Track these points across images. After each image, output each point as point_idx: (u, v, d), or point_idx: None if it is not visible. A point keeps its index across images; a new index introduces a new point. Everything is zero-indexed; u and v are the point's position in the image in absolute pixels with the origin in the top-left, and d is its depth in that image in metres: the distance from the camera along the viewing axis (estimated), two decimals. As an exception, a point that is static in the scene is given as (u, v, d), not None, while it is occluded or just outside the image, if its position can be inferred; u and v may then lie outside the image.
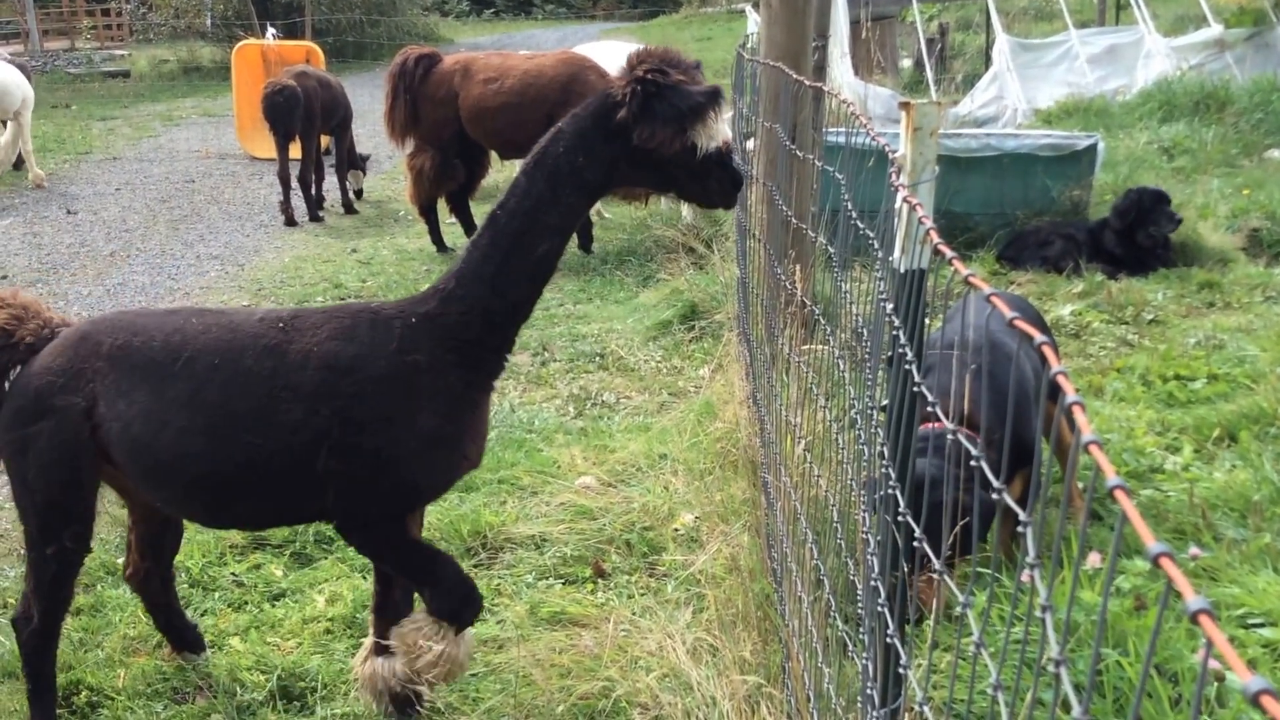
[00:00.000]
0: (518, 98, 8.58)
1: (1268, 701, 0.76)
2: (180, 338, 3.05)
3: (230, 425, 2.97)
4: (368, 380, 2.95)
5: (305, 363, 2.96)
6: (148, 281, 8.92)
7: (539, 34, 35.25)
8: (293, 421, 2.94)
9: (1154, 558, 0.88)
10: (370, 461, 2.97)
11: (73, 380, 3.04)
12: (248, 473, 3.01)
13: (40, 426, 3.05)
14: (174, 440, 2.98)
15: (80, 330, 3.16)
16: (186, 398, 2.98)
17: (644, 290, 8.04)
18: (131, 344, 3.06)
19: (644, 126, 2.92)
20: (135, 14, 30.63)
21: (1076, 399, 1.05)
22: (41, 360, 3.11)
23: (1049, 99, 13.59)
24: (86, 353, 3.07)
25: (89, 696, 3.54)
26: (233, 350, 3.01)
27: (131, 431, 3.00)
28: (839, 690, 2.58)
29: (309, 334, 3.01)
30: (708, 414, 5.20)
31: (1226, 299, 7.01)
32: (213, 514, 3.24)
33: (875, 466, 2.29)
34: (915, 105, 2.06)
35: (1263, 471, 4.33)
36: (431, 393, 2.99)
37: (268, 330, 3.04)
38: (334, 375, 2.95)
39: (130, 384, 3.02)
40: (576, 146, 2.98)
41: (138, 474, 3.09)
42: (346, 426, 2.94)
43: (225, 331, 3.06)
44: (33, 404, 3.06)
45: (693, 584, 3.89)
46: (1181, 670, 3.10)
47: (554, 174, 2.98)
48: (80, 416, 3.03)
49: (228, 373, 2.99)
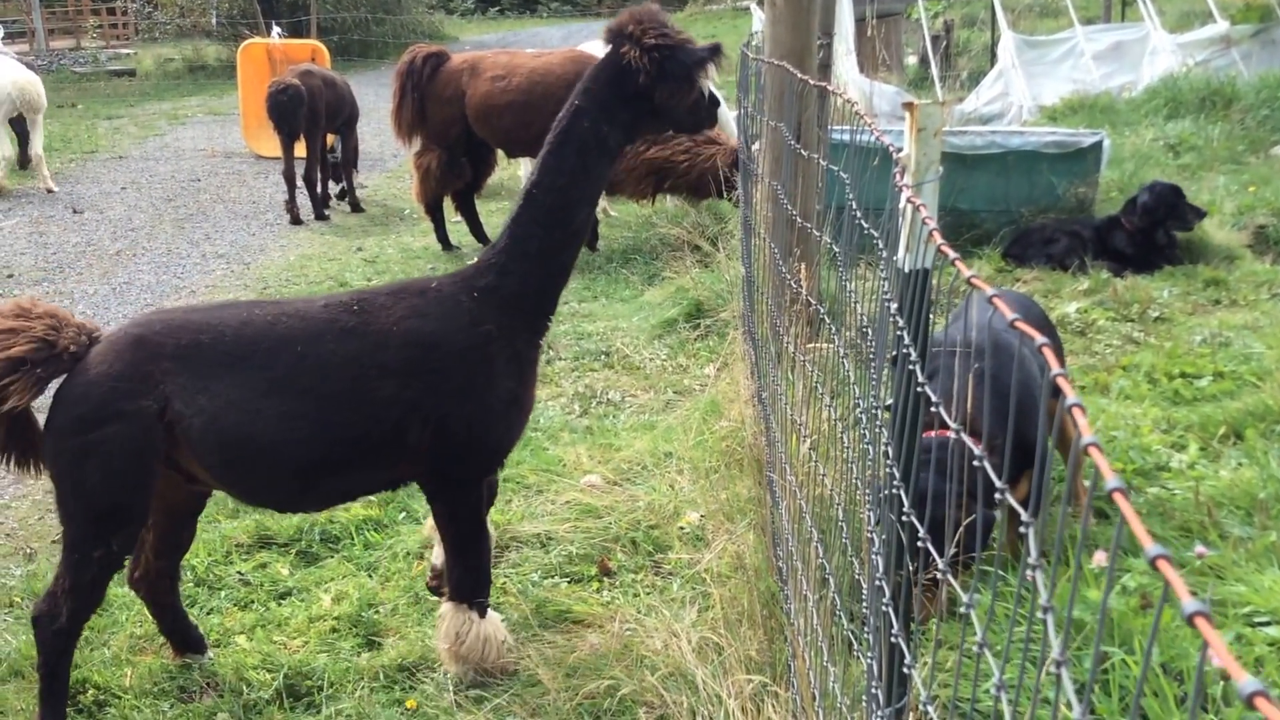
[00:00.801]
0: (525, 96, 8.57)
1: (1261, 703, 0.76)
2: (252, 330, 3.18)
3: (325, 407, 3.14)
4: (451, 353, 3.21)
5: (387, 341, 3.18)
6: (153, 280, 8.94)
7: (544, 31, 35.24)
8: (385, 398, 3.16)
9: (1151, 560, 0.88)
10: (462, 428, 3.23)
11: (140, 384, 3.08)
12: (343, 451, 3.20)
13: (107, 432, 3.06)
14: (271, 427, 3.11)
15: (130, 334, 3.19)
16: (275, 386, 3.12)
17: (649, 288, 8.04)
18: (200, 341, 3.15)
19: (663, 87, 3.32)
20: (141, 13, 30.66)
21: (1076, 401, 1.05)
22: (96, 367, 3.11)
23: (1054, 96, 13.55)
24: (148, 355, 3.11)
25: (96, 695, 3.55)
26: (311, 336, 3.17)
27: (219, 424, 3.09)
28: (844, 689, 2.58)
29: (382, 315, 3.23)
30: (713, 412, 5.20)
31: (1233, 296, 6.99)
32: (295, 497, 3.38)
33: (880, 466, 2.29)
34: (919, 106, 2.06)
35: (1269, 469, 4.32)
36: (504, 359, 3.29)
37: (339, 315, 3.23)
38: (419, 351, 3.19)
39: (208, 379, 3.11)
40: (600, 118, 3.31)
41: (222, 465, 3.17)
42: (437, 397, 3.19)
43: (297, 320, 3.21)
44: (97, 410, 3.07)
45: (698, 582, 3.90)
46: (1187, 669, 3.10)
47: (583, 148, 3.30)
48: (153, 419, 3.07)
49: (313, 358, 3.15)
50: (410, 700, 3.45)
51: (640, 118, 3.41)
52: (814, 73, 5.48)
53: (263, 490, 3.35)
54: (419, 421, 3.20)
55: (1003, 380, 3.51)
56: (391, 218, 11.30)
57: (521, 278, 3.32)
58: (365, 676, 3.57)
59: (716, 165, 8.40)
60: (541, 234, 3.31)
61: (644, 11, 3.39)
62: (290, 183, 10.72)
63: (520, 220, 3.33)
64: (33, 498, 5.10)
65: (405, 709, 3.43)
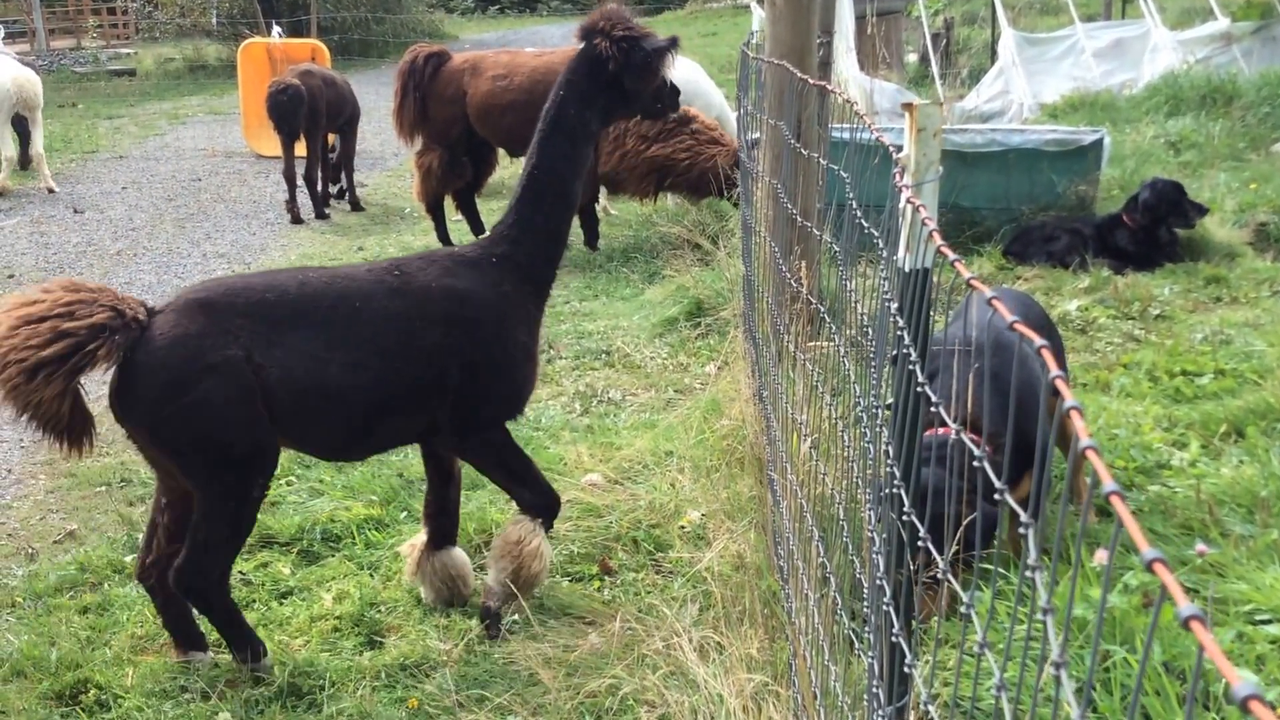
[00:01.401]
0: (527, 95, 8.57)
1: (1255, 706, 0.76)
2: (311, 289, 3.50)
3: (383, 356, 3.49)
4: (482, 306, 3.66)
5: (429, 297, 3.60)
6: (154, 280, 8.94)
7: (544, 30, 35.22)
8: (431, 345, 3.56)
9: (1148, 563, 0.88)
10: (489, 372, 3.67)
11: (221, 337, 3.29)
12: (399, 395, 3.56)
13: (205, 386, 3.26)
14: (340, 375, 3.43)
15: (194, 300, 3.39)
16: (339, 338, 3.45)
17: (650, 287, 8.03)
18: (267, 299, 3.41)
19: (630, 74, 3.91)
20: (141, 12, 30.66)
21: (1075, 404, 1.05)
22: (168, 334, 3.27)
23: (1055, 94, 13.53)
24: (220, 313, 3.33)
25: (97, 695, 3.55)
26: (365, 294, 3.53)
27: (294, 374, 3.37)
28: (845, 688, 2.59)
29: (420, 275, 3.65)
30: (714, 411, 5.20)
31: (1234, 294, 6.98)
32: (352, 442, 3.71)
33: (880, 464, 2.29)
34: (918, 106, 2.06)
35: (1270, 467, 4.32)
36: (519, 316, 3.77)
37: (384, 277, 3.62)
38: (455, 305, 3.62)
39: (279, 333, 3.38)
40: (581, 104, 3.88)
41: (294, 412, 3.42)
42: (472, 344, 3.62)
43: (348, 281, 3.58)
44: (185, 370, 3.25)
45: (699, 581, 3.90)
46: (1189, 667, 3.10)
47: (571, 133, 3.86)
48: (244, 363, 3.30)
49: (368, 313, 3.51)
50: (412, 699, 3.45)
51: (613, 103, 3.99)
52: (814, 71, 5.48)
53: (325, 436, 3.64)
54: (456, 366, 3.60)
55: (1004, 378, 3.51)
56: (392, 217, 11.30)
57: (529, 247, 3.81)
58: (367, 675, 3.58)
59: (718, 165, 8.40)
60: (546, 208, 3.85)
61: (611, 10, 3.96)
62: (291, 182, 10.72)
63: (524, 199, 3.84)
64: (34, 498, 5.11)
65: (407, 708, 3.43)
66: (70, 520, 4.86)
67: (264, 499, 3.56)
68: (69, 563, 4.41)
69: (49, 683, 3.60)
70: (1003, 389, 3.35)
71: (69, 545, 4.64)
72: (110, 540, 4.60)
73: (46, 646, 3.78)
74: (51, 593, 4.19)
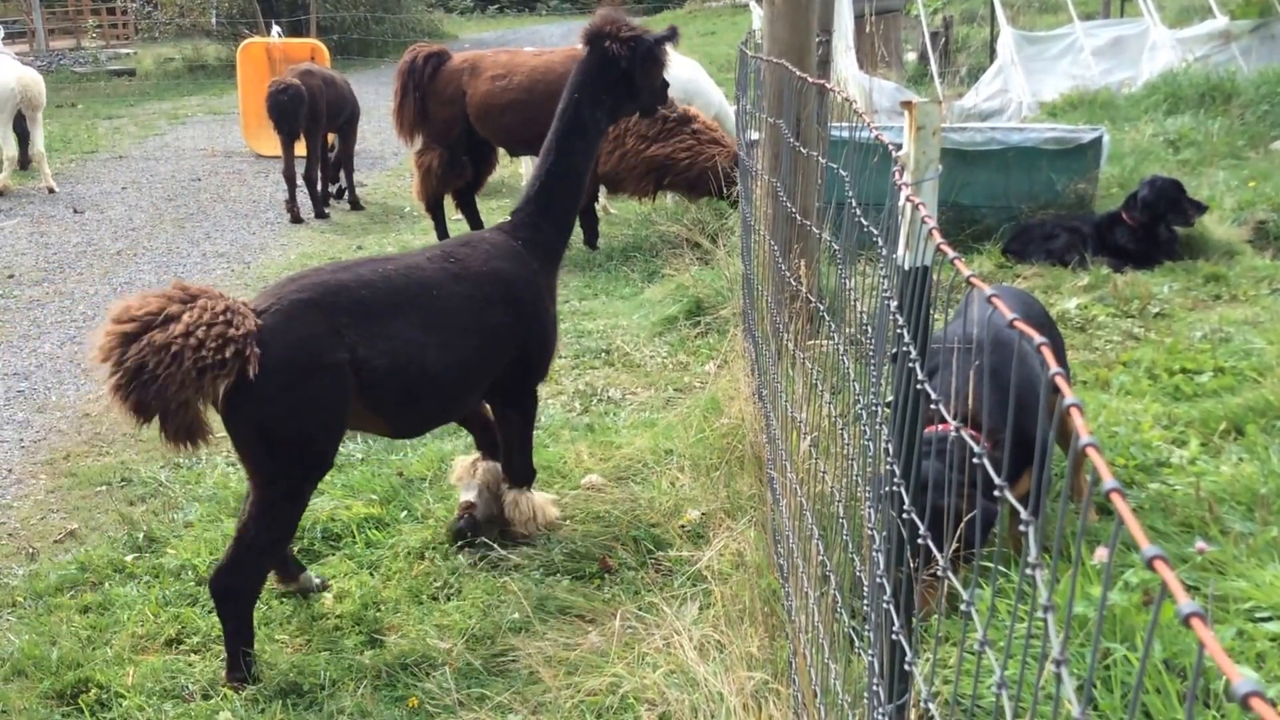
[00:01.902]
0: (526, 94, 8.57)
1: (1256, 703, 0.76)
2: (389, 284, 3.77)
3: (465, 335, 3.90)
4: (525, 287, 4.13)
5: (484, 279, 4.00)
6: (154, 280, 8.94)
7: (543, 29, 35.22)
8: (494, 323, 4.00)
9: (1148, 561, 0.88)
10: (535, 344, 4.19)
11: (333, 339, 3.54)
12: (477, 368, 3.99)
13: (317, 384, 3.52)
14: (436, 357, 3.78)
15: (297, 301, 3.56)
16: (429, 325, 3.78)
17: (649, 286, 8.03)
18: (363, 296, 3.67)
19: (640, 70, 4.40)
20: (140, 12, 30.63)
21: (1075, 401, 1.05)
22: (287, 331, 3.48)
23: (1054, 92, 13.53)
24: (328, 314, 3.57)
25: (98, 695, 3.55)
26: (437, 282, 3.89)
27: (399, 362, 3.68)
28: (845, 686, 2.59)
29: (470, 261, 4.04)
30: (713, 410, 5.20)
31: (1233, 292, 6.98)
32: (437, 417, 4.12)
33: (880, 463, 2.30)
34: (917, 104, 2.06)
35: (1269, 465, 4.32)
36: (546, 290, 4.27)
37: (444, 263, 3.98)
38: (505, 285, 4.05)
39: (380, 326, 3.66)
40: (594, 105, 4.35)
41: (398, 397, 3.75)
42: (521, 320, 4.09)
43: (416, 270, 3.89)
44: (302, 368, 3.48)
45: (699, 580, 3.90)
46: (1190, 665, 3.10)
47: (584, 131, 4.35)
48: (348, 367, 3.57)
49: (445, 299, 3.86)
50: (412, 698, 3.45)
51: (620, 100, 4.47)
52: (813, 70, 5.48)
53: (419, 414, 3.97)
54: (512, 340, 4.07)
55: (1004, 375, 3.51)
56: (391, 216, 11.30)
57: (548, 231, 4.31)
58: (367, 674, 3.58)
59: (718, 165, 8.39)
60: (561, 196, 4.35)
61: (611, 14, 4.45)
62: (290, 182, 10.72)
63: (544, 188, 4.32)
64: (35, 498, 5.11)
65: (407, 707, 3.43)
66: (71, 520, 4.87)
67: None
68: (69, 562, 4.42)
69: (49, 682, 3.60)
70: (1002, 385, 3.35)
71: (70, 545, 4.64)
72: (111, 540, 4.61)
73: (47, 646, 3.78)
74: (52, 592, 4.20)
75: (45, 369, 6.87)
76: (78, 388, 6.54)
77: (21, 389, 6.54)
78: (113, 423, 5.96)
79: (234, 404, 3.41)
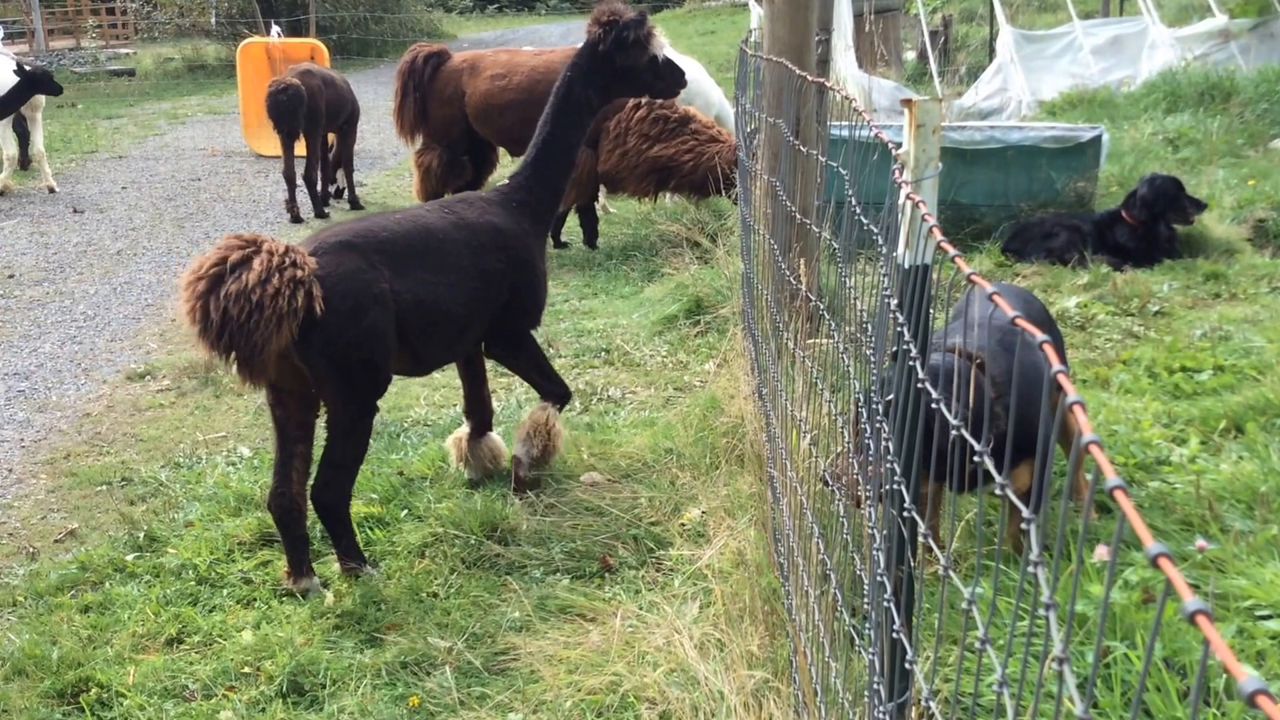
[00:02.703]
0: (526, 94, 8.56)
1: (1264, 701, 0.76)
2: (408, 229, 4.25)
3: (469, 278, 4.35)
4: (515, 238, 4.55)
5: (482, 229, 4.45)
6: (154, 280, 8.94)
7: (542, 29, 35.23)
8: (490, 268, 4.43)
9: (1152, 559, 0.88)
10: (525, 289, 4.60)
11: (374, 272, 4.01)
12: (479, 308, 4.42)
13: (375, 314, 3.99)
14: (447, 295, 4.25)
15: (335, 243, 4.03)
16: (441, 267, 4.25)
17: (649, 285, 8.03)
18: (390, 239, 4.16)
19: (621, 52, 4.78)
20: (140, 12, 30.59)
21: (1078, 399, 1.05)
22: (336, 269, 3.92)
23: (1053, 91, 13.53)
24: (363, 252, 4.04)
25: (99, 694, 3.55)
26: (441, 229, 4.34)
27: (420, 296, 4.16)
28: (846, 684, 2.59)
29: (468, 213, 4.50)
30: (713, 408, 5.21)
31: (1232, 290, 6.98)
32: (449, 351, 4.54)
33: (880, 461, 2.30)
34: (917, 103, 2.06)
35: (1269, 463, 4.32)
36: (537, 247, 4.69)
37: (446, 215, 4.45)
38: (500, 236, 4.49)
39: (403, 265, 4.13)
40: (585, 84, 4.77)
41: (420, 330, 4.20)
42: (513, 268, 4.51)
43: (422, 220, 4.35)
44: (360, 299, 3.94)
45: (699, 579, 3.90)
46: (1190, 663, 3.10)
47: (577, 106, 4.75)
48: (390, 296, 4.05)
49: (451, 244, 4.32)
50: (413, 697, 3.45)
51: (610, 79, 4.86)
52: (812, 69, 5.48)
53: (434, 347, 4.38)
54: (506, 284, 4.49)
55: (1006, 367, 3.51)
56: (391, 216, 11.27)
57: (539, 196, 4.71)
58: (368, 673, 3.58)
59: (719, 163, 8.39)
60: (553, 165, 4.75)
61: (607, 4, 4.84)
62: (290, 182, 10.71)
63: (538, 159, 4.73)
64: (35, 497, 5.11)
65: (408, 706, 3.43)
66: (71, 519, 4.87)
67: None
68: (70, 562, 4.42)
69: (50, 681, 3.60)
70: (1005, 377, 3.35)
71: (70, 544, 4.64)
72: (111, 539, 4.61)
73: (48, 645, 3.78)
74: (52, 591, 4.20)
75: (45, 369, 6.88)
76: (78, 387, 6.55)
77: (22, 389, 6.54)
78: (113, 422, 5.97)
79: (307, 339, 3.81)
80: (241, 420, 5.90)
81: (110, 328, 7.71)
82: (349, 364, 3.94)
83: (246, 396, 6.18)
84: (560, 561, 4.20)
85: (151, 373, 6.72)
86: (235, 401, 6.16)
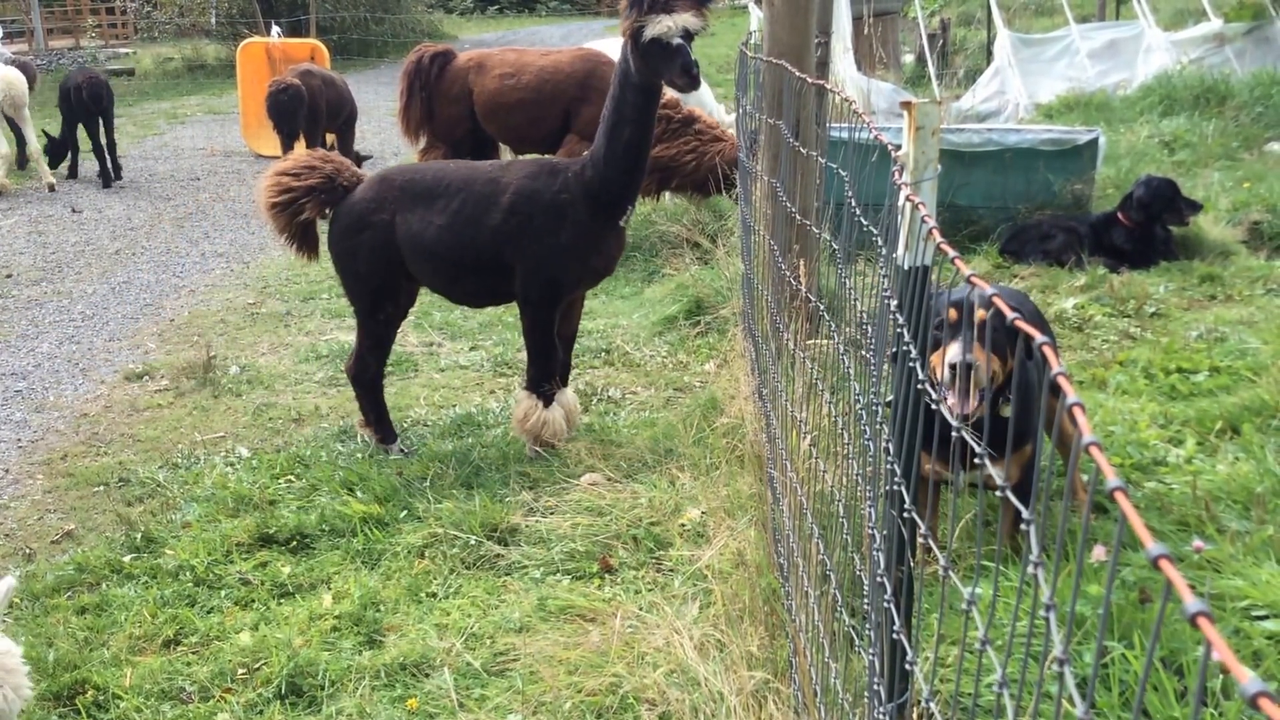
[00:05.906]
0: (534, 93, 8.57)
1: (1265, 704, 0.77)
2: (441, 177, 5.01)
3: (467, 225, 4.88)
4: (538, 204, 4.84)
5: (504, 189, 4.88)
6: (153, 279, 8.94)
7: (543, 30, 35.22)
8: (492, 225, 4.86)
9: (1153, 560, 0.89)
10: (532, 257, 4.88)
11: (380, 205, 5.00)
12: (468, 256, 4.92)
13: (364, 236, 5.01)
14: (434, 236, 4.91)
15: (379, 176, 5.20)
16: (441, 210, 4.91)
17: (649, 285, 8.04)
18: (413, 180, 5.06)
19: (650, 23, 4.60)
20: (140, 12, 30.55)
21: (1076, 400, 1.06)
22: (357, 194, 5.07)
23: (1050, 94, 13.56)
24: (386, 188, 5.05)
25: (95, 696, 3.55)
26: (470, 181, 4.94)
27: (413, 231, 4.94)
28: (846, 685, 2.59)
29: (512, 174, 4.95)
30: (713, 409, 5.21)
31: (1228, 292, 7.00)
32: (450, 287, 5.21)
33: (880, 462, 2.30)
34: (917, 105, 2.07)
35: (1265, 464, 4.33)
36: (570, 220, 4.84)
37: (490, 171, 5.03)
38: (519, 199, 4.85)
39: (414, 205, 4.96)
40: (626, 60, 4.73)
41: (413, 260, 5.00)
42: (523, 233, 4.84)
43: (463, 172, 5.03)
44: (357, 222, 5.02)
45: (699, 579, 3.90)
46: (1187, 663, 3.11)
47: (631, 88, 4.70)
48: (388, 227, 4.98)
49: (465, 195, 4.91)
50: (411, 699, 3.45)
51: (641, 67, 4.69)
52: (812, 71, 5.49)
53: (433, 280, 5.14)
54: (510, 247, 4.86)
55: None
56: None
57: (595, 172, 4.82)
58: (366, 675, 3.57)
59: (718, 163, 8.39)
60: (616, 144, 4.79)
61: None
62: (289, 182, 10.69)
63: (604, 134, 4.82)
64: (32, 498, 5.11)
65: (406, 708, 3.43)
66: (68, 520, 4.87)
67: (398, 322, 5.31)
68: (67, 563, 4.41)
69: (46, 683, 3.59)
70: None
71: (67, 545, 4.64)
72: (108, 540, 4.60)
73: (44, 647, 3.78)
74: (49, 593, 4.19)
75: (43, 369, 6.87)
76: (75, 387, 6.54)
77: (19, 389, 6.53)
78: (111, 423, 5.97)
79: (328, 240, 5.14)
80: (240, 420, 5.90)
81: (108, 328, 7.71)
82: (346, 268, 5.12)
83: (245, 396, 6.18)
84: (560, 562, 4.20)
85: (149, 373, 6.71)
86: (233, 402, 6.16)
